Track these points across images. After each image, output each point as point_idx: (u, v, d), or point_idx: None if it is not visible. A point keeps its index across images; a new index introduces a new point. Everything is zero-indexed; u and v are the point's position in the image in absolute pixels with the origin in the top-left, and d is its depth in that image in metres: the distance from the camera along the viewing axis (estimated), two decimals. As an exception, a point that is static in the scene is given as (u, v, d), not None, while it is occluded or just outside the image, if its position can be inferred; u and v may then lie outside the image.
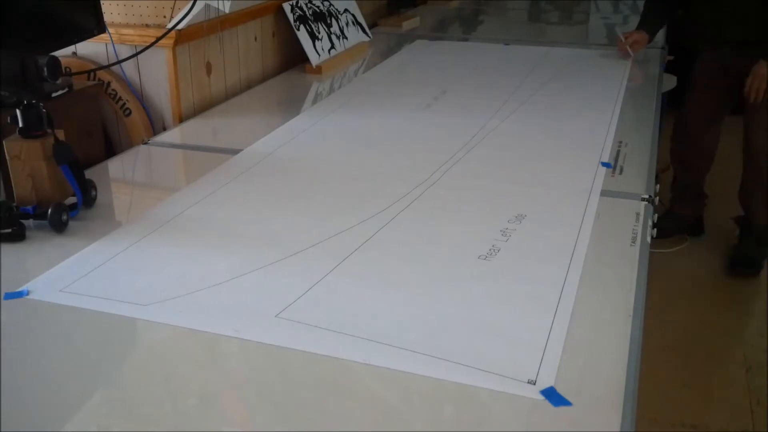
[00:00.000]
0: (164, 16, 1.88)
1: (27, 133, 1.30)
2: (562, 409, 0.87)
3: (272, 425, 0.86)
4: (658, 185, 1.56)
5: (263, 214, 1.40)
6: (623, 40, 2.57)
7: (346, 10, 2.72)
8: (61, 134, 1.33)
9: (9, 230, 1.26)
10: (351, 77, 2.41)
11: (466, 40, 2.99)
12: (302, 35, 2.40)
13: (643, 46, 2.61)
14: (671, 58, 2.86)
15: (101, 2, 1.61)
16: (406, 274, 1.17)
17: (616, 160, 1.64)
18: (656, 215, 1.43)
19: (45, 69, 1.24)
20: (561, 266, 1.19)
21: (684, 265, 2.86)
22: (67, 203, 1.32)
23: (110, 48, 1.86)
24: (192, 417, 0.87)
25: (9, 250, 1.24)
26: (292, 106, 2.17)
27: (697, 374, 2.27)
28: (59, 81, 1.29)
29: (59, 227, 1.29)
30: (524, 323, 1.04)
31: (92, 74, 1.87)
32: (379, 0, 3.26)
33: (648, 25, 2.66)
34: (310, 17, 2.48)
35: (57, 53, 1.30)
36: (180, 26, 1.86)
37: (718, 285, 1.97)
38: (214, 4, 2.00)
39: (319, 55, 2.44)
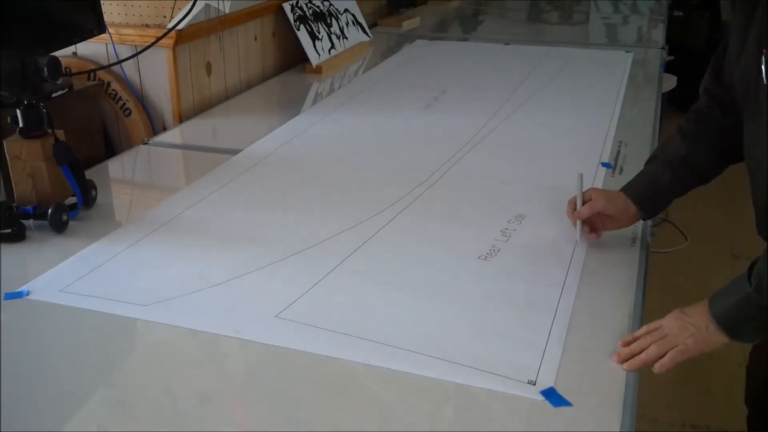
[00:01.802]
0: (164, 16, 1.88)
1: (27, 133, 1.30)
2: (562, 409, 0.87)
3: (272, 425, 0.86)
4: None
5: (263, 214, 1.40)
6: (576, 206, 1.26)
7: (346, 10, 2.72)
8: (61, 134, 1.33)
9: (9, 230, 1.26)
10: (351, 77, 2.41)
11: (466, 40, 2.99)
12: (302, 35, 2.40)
13: (613, 226, 1.26)
14: (671, 58, 2.86)
15: (101, 2, 1.61)
16: (405, 274, 1.17)
17: (616, 160, 1.64)
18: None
19: (45, 69, 1.24)
20: (561, 266, 1.19)
21: (684, 264, 2.86)
22: (67, 203, 1.32)
23: (110, 48, 1.86)
24: (192, 417, 0.87)
25: (9, 250, 1.24)
26: (292, 106, 2.17)
27: (697, 374, 2.27)
28: (59, 81, 1.29)
29: (59, 227, 1.29)
30: (524, 323, 1.04)
31: (92, 74, 1.87)
32: (379, 0, 3.26)
33: (635, 190, 1.25)
34: (310, 17, 2.48)
35: (57, 53, 1.30)
36: (180, 26, 1.86)
37: (719, 284, 1.98)
38: (214, 4, 2.00)
39: (319, 55, 2.44)
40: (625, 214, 1.24)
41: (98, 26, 1.59)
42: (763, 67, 0.98)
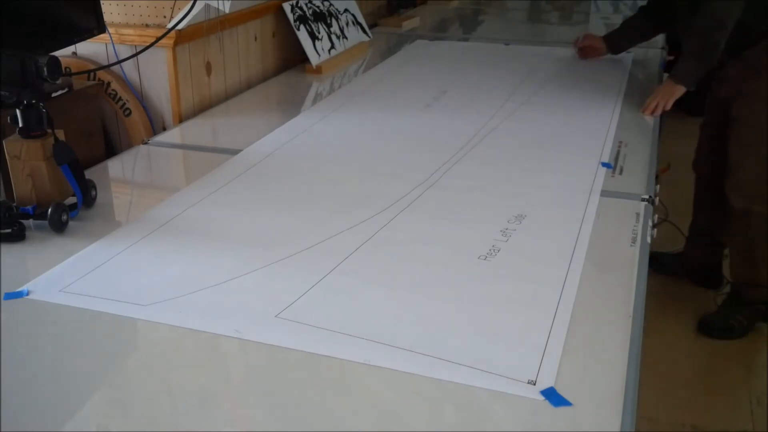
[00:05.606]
0: (164, 16, 1.88)
1: (27, 133, 1.30)
2: (562, 409, 0.87)
3: (272, 425, 0.86)
4: (658, 185, 1.56)
5: (263, 214, 1.40)
6: (580, 39, 2.60)
7: (346, 10, 2.72)
8: (61, 134, 1.33)
9: (9, 230, 1.26)
10: (351, 77, 2.41)
11: (466, 40, 2.99)
12: (302, 35, 2.40)
13: (594, 55, 2.57)
14: (671, 58, 2.86)
15: (101, 2, 1.61)
16: (406, 274, 1.17)
17: (616, 160, 1.64)
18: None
19: (45, 69, 1.24)
20: (561, 266, 1.19)
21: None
22: (67, 203, 1.32)
23: (110, 48, 1.86)
24: (192, 417, 0.87)
25: (9, 250, 1.24)
26: (292, 106, 2.17)
27: (697, 374, 2.27)
28: (59, 81, 1.29)
29: (59, 227, 1.29)
30: (524, 323, 1.04)
31: (92, 74, 1.87)
32: (379, 0, 3.26)
33: (611, 40, 2.54)
34: (310, 17, 2.48)
35: (57, 53, 1.30)
36: (180, 26, 1.86)
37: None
38: (214, 4, 2.00)
39: (319, 55, 2.44)
40: (600, 44, 2.55)
41: (98, 26, 1.58)
42: None
